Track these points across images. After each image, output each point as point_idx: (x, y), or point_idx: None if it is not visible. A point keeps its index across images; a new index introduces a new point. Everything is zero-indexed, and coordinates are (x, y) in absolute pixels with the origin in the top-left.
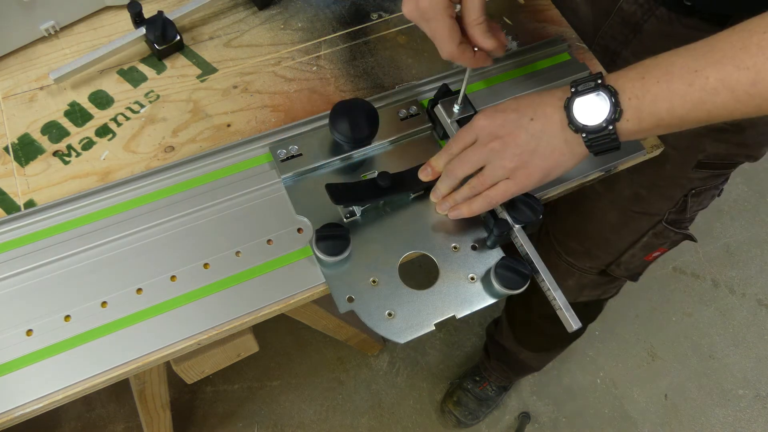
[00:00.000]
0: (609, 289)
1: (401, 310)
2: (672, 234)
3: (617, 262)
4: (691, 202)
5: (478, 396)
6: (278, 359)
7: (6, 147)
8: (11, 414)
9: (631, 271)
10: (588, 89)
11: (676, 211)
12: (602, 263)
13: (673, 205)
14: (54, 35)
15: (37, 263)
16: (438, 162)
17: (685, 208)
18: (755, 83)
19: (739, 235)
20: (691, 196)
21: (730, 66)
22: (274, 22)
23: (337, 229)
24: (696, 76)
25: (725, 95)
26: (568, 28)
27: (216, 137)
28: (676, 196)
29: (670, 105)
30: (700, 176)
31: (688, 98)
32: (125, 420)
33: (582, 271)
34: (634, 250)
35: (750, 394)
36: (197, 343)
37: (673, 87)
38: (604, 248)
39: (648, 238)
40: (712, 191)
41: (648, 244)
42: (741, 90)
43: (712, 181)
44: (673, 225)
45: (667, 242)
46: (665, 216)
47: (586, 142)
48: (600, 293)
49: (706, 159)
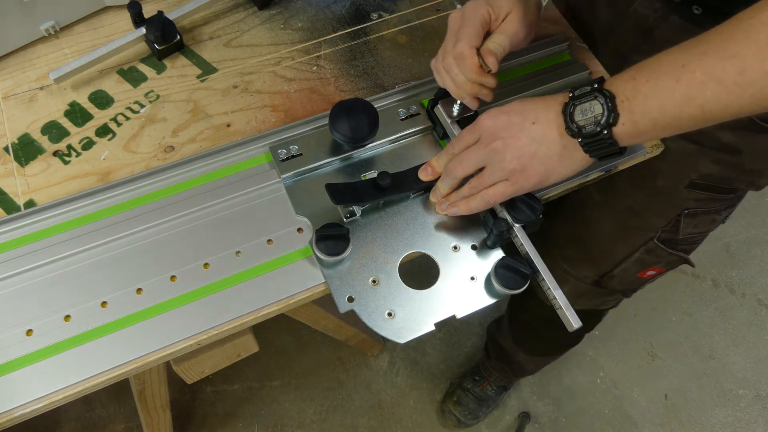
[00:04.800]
0: (607, 301)
1: (401, 310)
2: (665, 254)
3: (610, 274)
4: (684, 222)
5: (478, 396)
6: (278, 359)
7: (6, 147)
8: (11, 414)
9: (624, 285)
10: (584, 94)
11: (669, 230)
12: (596, 273)
13: (666, 223)
14: (54, 35)
15: (37, 263)
16: (439, 162)
17: (677, 229)
18: (742, 71)
19: (739, 235)
20: (684, 217)
21: (715, 57)
22: (274, 22)
23: (337, 229)
24: (683, 71)
25: (714, 88)
26: (568, 28)
27: (216, 137)
28: (669, 215)
29: (660, 103)
30: (695, 197)
31: (677, 94)
32: (125, 420)
33: (577, 279)
34: (627, 265)
35: (750, 394)
36: (197, 343)
37: (661, 84)
38: (598, 258)
39: (640, 253)
40: (712, 215)
41: (640, 260)
42: (729, 80)
43: (711, 205)
44: (665, 244)
45: (662, 262)
46: (658, 234)
47: (584, 147)
48: (597, 304)
49: (699, 179)
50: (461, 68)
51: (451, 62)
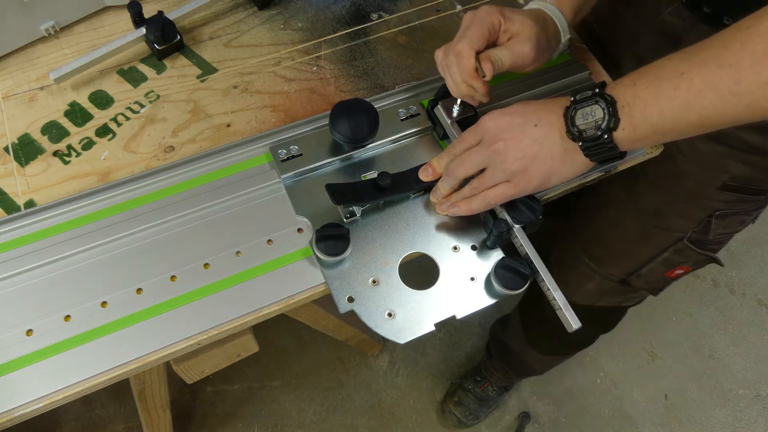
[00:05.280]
0: (631, 298)
1: (401, 310)
2: (695, 254)
3: (637, 274)
4: (715, 224)
5: (479, 396)
6: (278, 359)
7: (6, 147)
8: (11, 414)
9: (651, 284)
10: (586, 98)
11: (699, 231)
12: (622, 272)
13: (696, 224)
14: (54, 35)
15: (37, 263)
16: (439, 163)
17: (708, 230)
18: (738, 81)
19: (739, 235)
20: (715, 218)
21: (713, 66)
22: (274, 22)
23: (337, 229)
24: (682, 79)
25: (711, 96)
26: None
27: (216, 137)
28: (699, 216)
29: (659, 109)
30: (726, 198)
31: (676, 101)
32: (125, 420)
33: (602, 277)
34: (654, 264)
35: (750, 394)
36: (197, 343)
37: (661, 90)
38: (624, 258)
39: (668, 254)
40: (742, 216)
41: (668, 260)
42: (725, 90)
43: (741, 206)
44: (695, 245)
45: (690, 261)
46: (688, 234)
47: (584, 151)
48: (621, 301)
49: (731, 181)
50: (458, 66)
51: (452, 59)
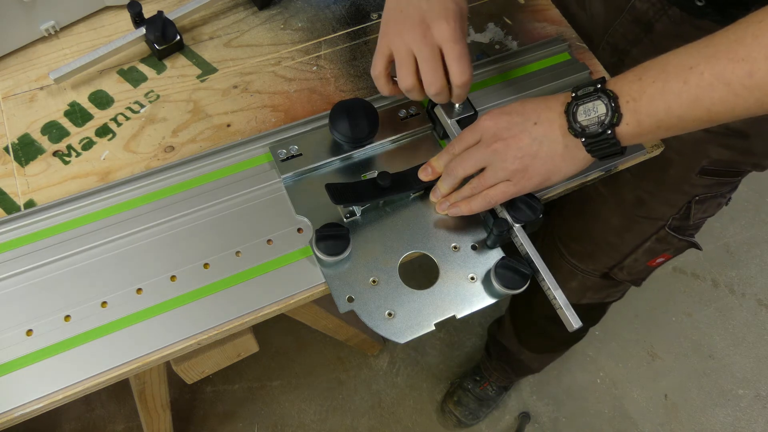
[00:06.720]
0: (613, 293)
1: (401, 310)
2: (676, 240)
3: (620, 266)
4: (695, 209)
5: (478, 396)
6: (278, 359)
7: (6, 147)
8: (11, 414)
9: (633, 275)
10: (587, 94)
11: (679, 218)
12: (605, 266)
13: (676, 211)
14: (54, 35)
15: (37, 263)
16: (439, 162)
17: (688, 215)
18: (751, 74)
19: (739, 235)
20: (695, 203)
21: (725, 59)
22: (274, 22)
23: (337, 229)
24: (691, 73)
25: (721, 90)
26: (568, 27)
27: (216, 137)
28: (680, 203)
29: (666, 104)
30: (705, 183)
31: (684, 96)
32: (125, 420)
33: (585, 273)
34: (637, 255)
35: (750, 394)
36: (197, 343)
37: (669, 86)
38: (607, 251)
39: (651, 243)
40: (718, 199)
41: (651, 249)
42: (737, 83)
43: (718, 189)
44: (676, 231)
45: (671, 249)
46: (668, 222)
47: (587, 147)
48: (604, 296)
49: (710, 165)
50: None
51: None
